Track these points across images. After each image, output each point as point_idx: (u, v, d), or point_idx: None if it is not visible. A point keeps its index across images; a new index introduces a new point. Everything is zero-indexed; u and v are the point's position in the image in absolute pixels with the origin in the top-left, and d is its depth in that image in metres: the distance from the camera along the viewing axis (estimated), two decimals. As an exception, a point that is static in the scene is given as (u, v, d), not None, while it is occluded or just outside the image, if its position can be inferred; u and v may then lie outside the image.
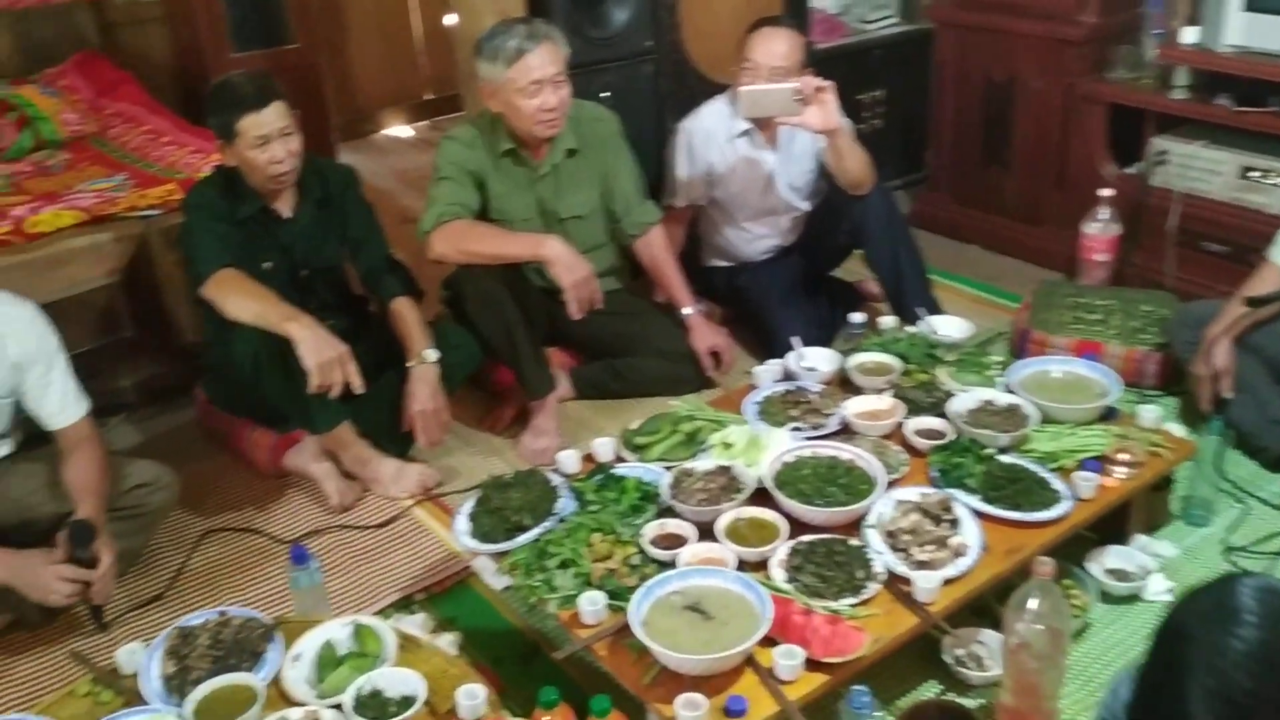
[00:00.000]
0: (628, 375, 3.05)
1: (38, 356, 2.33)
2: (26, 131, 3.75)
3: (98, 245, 2.99)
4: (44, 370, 2.33)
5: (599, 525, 2.04)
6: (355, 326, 2.87)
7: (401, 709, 1.74)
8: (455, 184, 2.80)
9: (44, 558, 2.20)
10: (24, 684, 2.22)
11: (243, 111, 2.52)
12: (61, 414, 2.36)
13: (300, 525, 2.66)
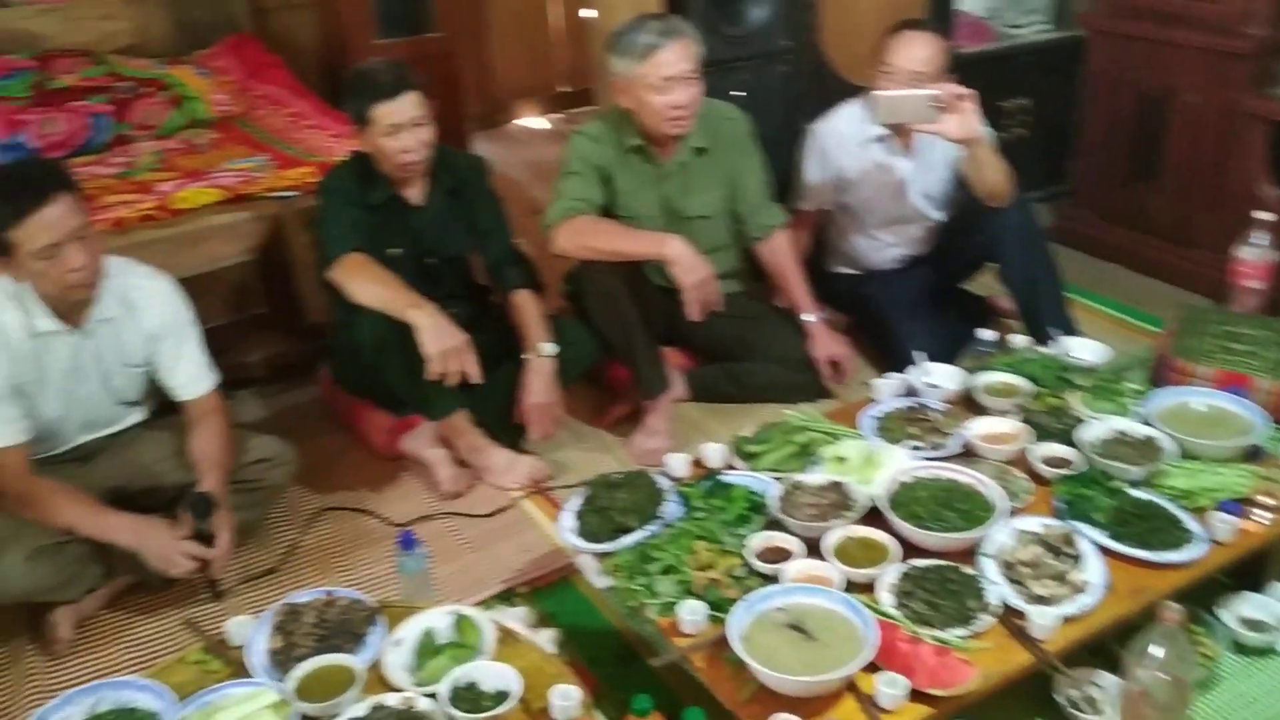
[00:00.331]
0: (744, 380, 3.01)
1: (172, 329, 2.41)
2: (178, 110, 3.91)
3: (236, 223, 3.09)
4: (176, 343, 2.42)
5: (704, 533, 2.01)
6: (477, 316, 2.90)
7: (495, 703, 1.74)
8: (582, 179, 2.79)
9: (168, 529, 2.28)
10: (141, 646, 2.31)
11: (377, 99, 2.56)
12: (191, 386, 2.45)
13: (411, 509, 2.70)
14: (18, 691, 2.18)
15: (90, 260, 2.19)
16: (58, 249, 2.13)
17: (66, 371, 2.31)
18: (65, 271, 2.15)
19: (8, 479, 2.22)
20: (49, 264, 2.14)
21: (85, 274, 2.18)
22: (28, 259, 2.13)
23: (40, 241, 2.11)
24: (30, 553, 2.18)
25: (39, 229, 2.11)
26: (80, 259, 2.16)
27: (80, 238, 2.16)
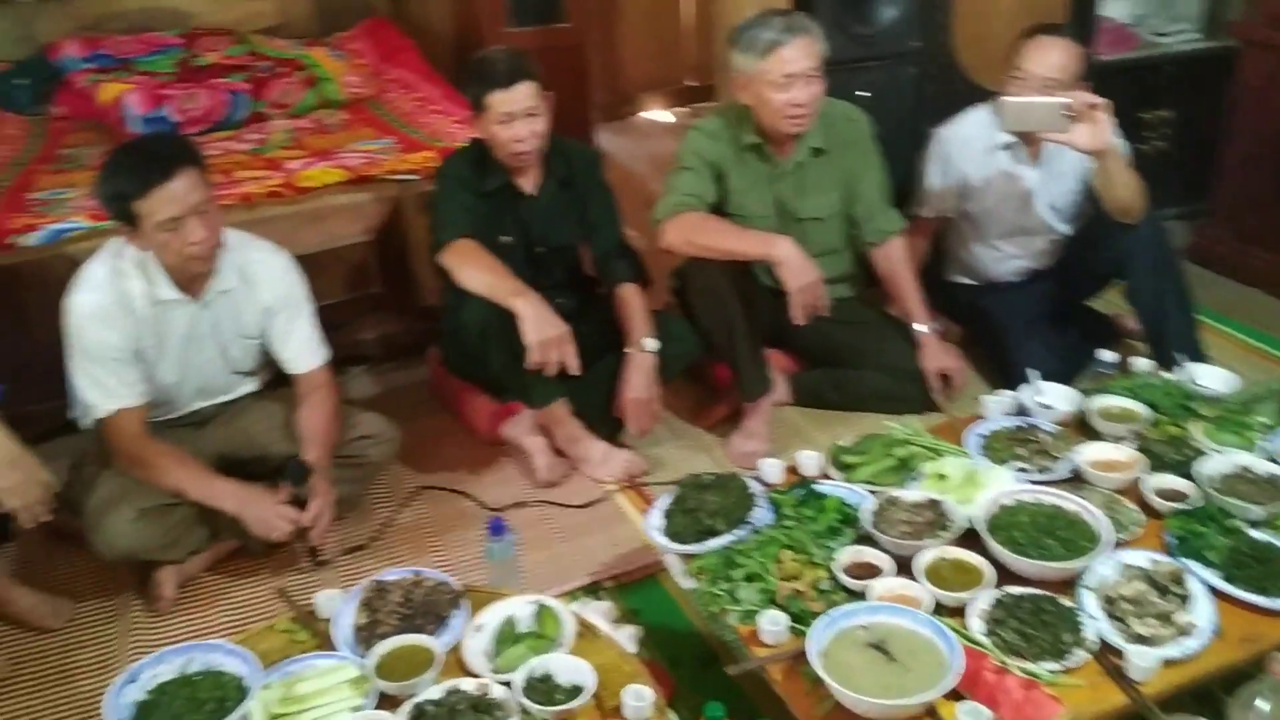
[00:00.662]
0: (849, 388, 2.95)
1: (286, 304, 2.48)
2: (312, 90, 4.03)
3: (357, 204, 3.16)
4: (290, 317, 2.49)
5: (791, 542, 1.97)
6: (583, 306, 2.91)
7: (568, 697, 1.73)
8: (695, 175, 2.77)
9: (269, 495, 2.35)
10: (237, 610, 2.39)
11: (492, 87, 2.58)
12: (301, 360, 2.51)
13: (507, 494, 2.72)
14: (122, 644, 2.28)
15: (210, 235, 2.26)
16: (179, 222, 2.21)
17: (184, 339, 2.40)
18: (186, 244, 2.23)
19: (124, 440, 2.32)
20: (171, 236, 2.22)
21: (204, 247, 2.26)
22: (151, 230, 2.21)
23: (163, 214, 2.19)
24: (138, 513, 2.27)
25: (163, 202, 2.18)
26: (200, 233, 2.23)
27: (202, 212, 2.23)
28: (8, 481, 2.07)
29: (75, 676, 2.21)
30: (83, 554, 2.50)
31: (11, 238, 2.91)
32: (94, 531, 2.29)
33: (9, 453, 2.08)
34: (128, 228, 2.23)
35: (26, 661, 2.26)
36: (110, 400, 2.31)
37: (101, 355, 2.28)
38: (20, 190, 3.27)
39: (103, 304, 2.28)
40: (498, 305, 2.52)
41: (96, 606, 2.41)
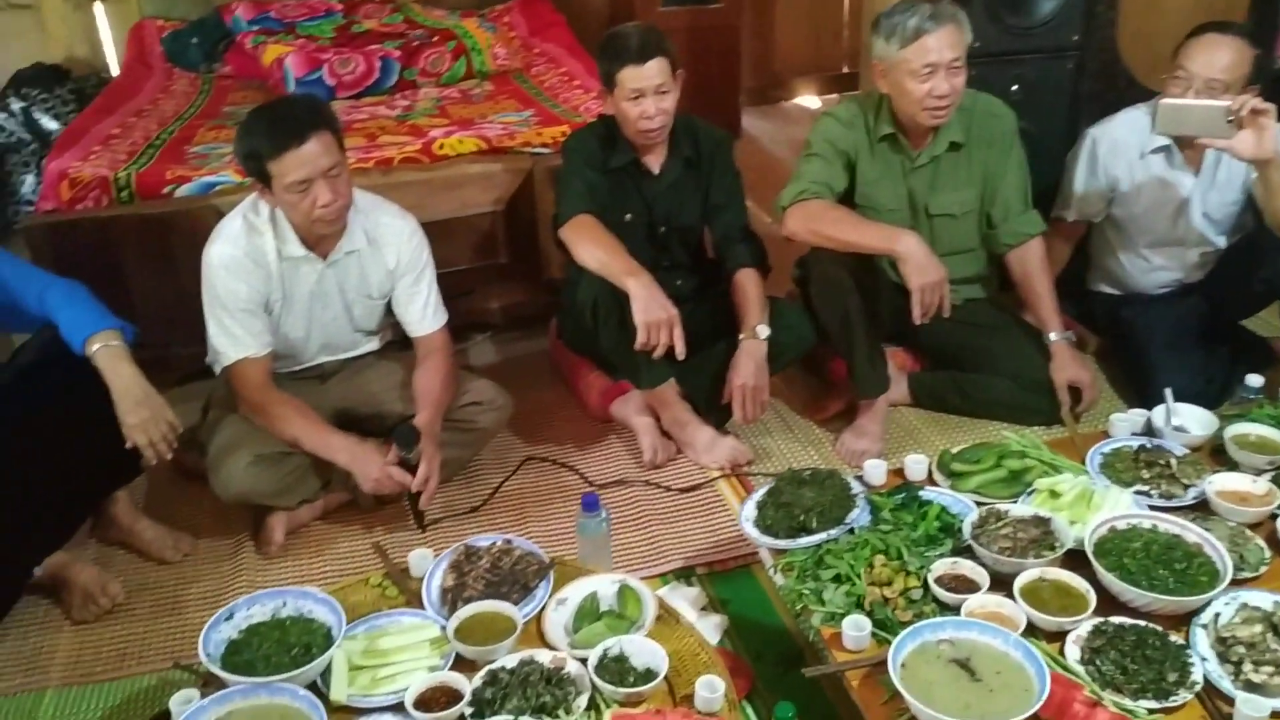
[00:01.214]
0: (971, 392, 2.84)
1: (410, 267, 2.54)
2: (461, 60, 4.11)
3: (490, 174, 3.21)
4: (413, 281, 2.55)
5: (886, 547, 1.91)
6: (701, 289, 2.89)
7: (640, 680, 1.73)
8: (824, 162, 2.70)
9: (380, 454, 2.41)
10: (338, 561, 2.46)
11: (624, 63, 2.57)
12: (421, 323, 2.57)
13: (610, 472, 2.73)
14: (231, 582, 2.38)
15: (336, 199, 2.32)
16: (308, 184, 2.27)
17: (311, 295, 2.48)
18: (314, 206, 2.30)
19: (247, 387, 2.42)
20: (299, 197, 2.29)
21: (330, 211, 2.32)
22: (281, 190, 2.29)
23: (293, 176, 2.26)
24: (255, 458, 2.37)
25: (294, 164, 2.25)
26: (327, 197, 2.29)
27: (332, 177, 2.29)
28: (135, 418, 2.18)
29: (185, 608, 2.33)
30: (206, 493, 2.62)
31: (168, 187, 3.07)
32: (213, 472, 2.40)
33: (138, 391, 2.19)
34: (262, 185, 2.31)
35: (144, 590, 2.39)
36: (237, 348, 2.40)
37: (232, 305, 2.38)
38: (181, 143, 3.45)
39: (235, 256, 2.38)
40: (611, 283, 2.51)
41: (212, 545, 2.53)
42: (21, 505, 2.18)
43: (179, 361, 2.87)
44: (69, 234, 2.96)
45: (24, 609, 2.32)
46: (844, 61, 5.94)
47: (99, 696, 2.11)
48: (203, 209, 2.94)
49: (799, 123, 5.56)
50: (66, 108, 4.35)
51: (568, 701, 1.69)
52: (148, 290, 2.95)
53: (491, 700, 1.70)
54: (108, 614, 2.31)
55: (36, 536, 2.28)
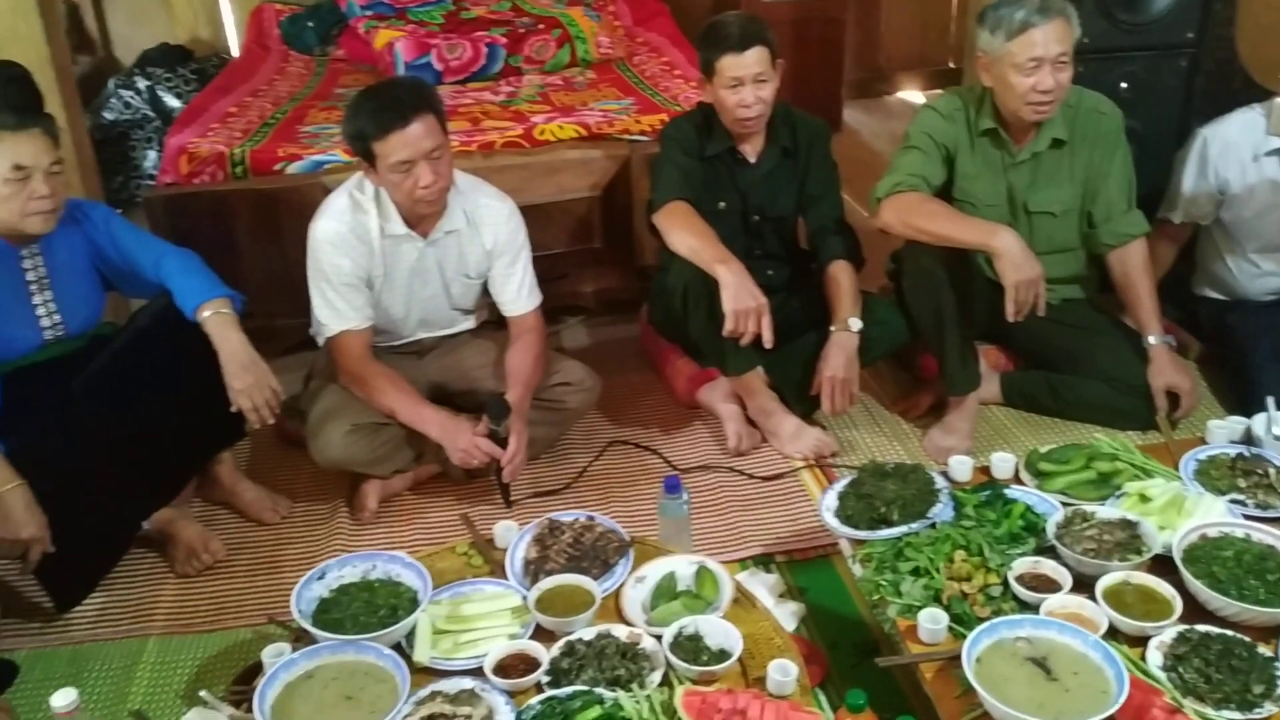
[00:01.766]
0: (1064, 394, 2.79)
1: (508, 248, 2.60)
2: (566, 48, 4.16)
3: (588, 160, 3.25)
4: (510, 262, 2.61)
5: (967, 543, 1.90)
6: (794, 279, 2.89)
7: (714, 660, 1.75)
8: (922, 155, 2.68)
9: (470, 427, 2.48)
10: (426, 530, 2.54)
11: (723, 51, 2.58)
12: (516, 303, 2.63)
13: (695, 457, 2.76)
14: (325, 545, 2.48)
15: (438, 180, 2.38)
16: (411, 165, 2.34)
17: (411, 273, 2.56)
18: (416, 187, 2.36)
19: (348, 359, 2.50)
20: (402, 178, 2.36)
21: (432, 192, 2.38)
22: (385, 170, 2.36)
23: (397, 157, 2.33)
24: (352, 427, 2.45)
25: (398, 145, 2.32)
26: (429, 178, 2.36)
27: (434, 159, 2.35)
28: (241, 383, 2.29)
29: (281, 568, 2.43)
30: (304, 459, 2.73)
31: (280, 164, 3.18)
32: (312, 439, 2.49)
33: (244, 357, 2.29)
34: (367, 164, 2.39)
35: (243, 548, 2.50)
36: (339, 321, 2.49)
37: (335, 279, 2.47)
38: (294, 122, 3.57)
39: (340, 231, 2.46)
40: (702, 270, 2.53)
41: (309, 508, 2.63)
42: (133, 462, 2.31)
43: (284, 332, 2.98)
44: (186, 206, 3.09)
45: (132, 560, 2.45)
46: (950, 56, 5.85)
47: (197, 646, 2.22)
48: (311, 186, 3.04)
49: (901, 117, 5.48)
50: (188, 86, 4.54)
51: (642, 676, 1.73)
52: (257, 262, 3.07)
53: (568, 670, 1.74)
54: (208, 569, 2.43)
55: (146, 492, 2.40)
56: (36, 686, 2.13)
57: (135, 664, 2.18)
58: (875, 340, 2.69)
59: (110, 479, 2.27)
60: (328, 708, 1.69)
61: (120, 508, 2.35)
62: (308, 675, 1.74)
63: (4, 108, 2.20)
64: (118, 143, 4.45)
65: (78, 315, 2.40)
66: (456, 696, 1.69)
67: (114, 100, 4.52)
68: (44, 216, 2.23)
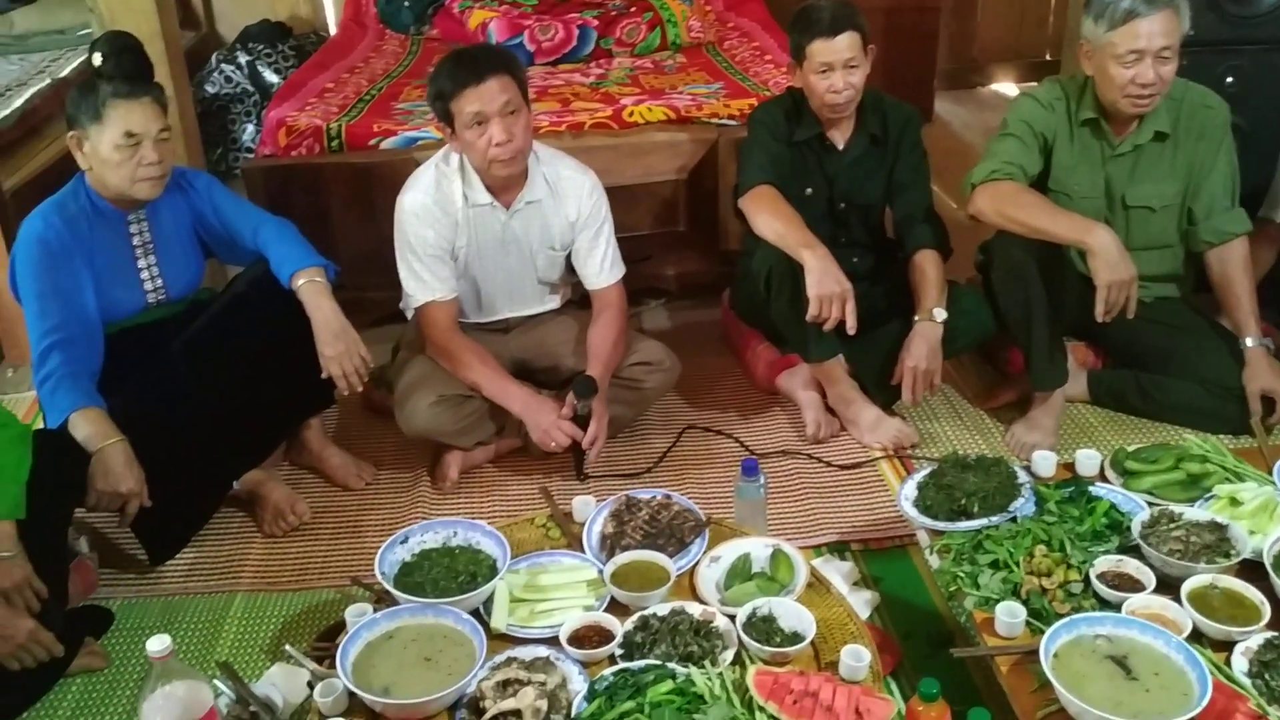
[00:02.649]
0: (1154, 394, 2.73)
1: (591, 221, 2.63)
2: (656, 31, 4.17)
3: (676, 143, 3.26)
4: (593, 234, 2.64)
5: (1048, 538, 1.88)
6: (878, 268, 2.87)
7: (787, 642, 1.76)
8: (1019, 144, 2.63)
9: (553, 407, 2.51)
10: (505, 503, 2.58)
11: (814, 36, 2.57)
12: (599, 276, 2.67)
13: (772, 443, 2.76)
14: (406, 512, 2.53)
15: (512, 140, 2.41)
16: (485, 121, 2.38)
17: (496, 244, 2.60)
18: (489, 145, 2.40)
19: (434, 330, 2.55)
20: (476, 135, 2.40)
21: (506, 150, 2.42)
22: (461, 129, 2.41)
23: (470, 109, 2.38)
24: (438, 398, 2.50)
25: (471, 99, 2.37)
26: (502, 135, 2.39)
27: (508, 114, 2.39)
28: (332, 350, 2.35)
29: (363, 532, 2.49)
30: (389, 429, 2.79)
31: (374, 140, 3.25)
32: (399, 409, 2.55)
33: (336, 325, 2.35)
34: (448, 129, 2.44)
35: (327, 512, 2.57)
36: (425, 292, 2.54)
37: (421, 250, 2.52)
38: (388, 99, 3.64)
39: (425, 204, 2.51)
40: (786, 255, 2.53)
41: (392, 476, 2.69)
42: (227, 424, 2.38)
43: (373, 304, 3.05)
44: (283, 178, 3.18)
45: (222, 519, 2.53)
46: (1047, 48, 5.72)
47: (282, 604, 2.29)
48: (404, 162, 3.09)
49: (994, 109, 5.38)
50: (287, 62, 4.65)
51: (714, 654, 1.74)
52: (349, 234, 3.14)
53: (641, 644, 1.77)
54: (294, 531, 2.50)
55: (238, 453, 2.48)
56: (130, 634, 2.22)
57: (223, 618, 2.25)
58: (960, 331, 2.65)
59: (205, 439, 2.35)
60: (407, 667, 1.73)
61: (213, 467, 2.43)
62: (388, 635, 1.79)
63: (117, 76, 2.26)
64: (218, 116, 4.58)
65: (179, 280, 2.49)
66: (532, 664, 1.72)
67: (215, 75, 4.65)
68: (152, 183, 2.31)
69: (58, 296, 2.27)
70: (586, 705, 1.64)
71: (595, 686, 1.68)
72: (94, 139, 2.26)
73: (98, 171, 2.30)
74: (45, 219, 2.32)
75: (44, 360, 2.23)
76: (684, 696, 1.62)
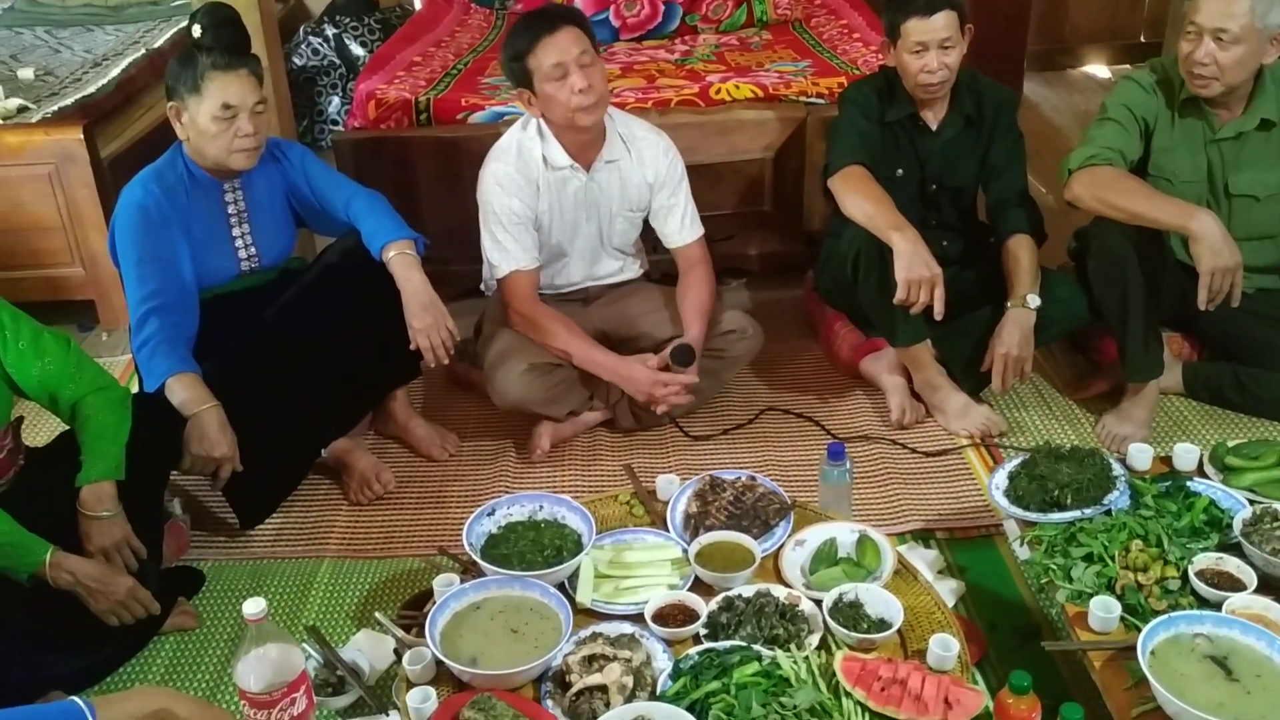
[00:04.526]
0: (1252, 389, 2.64)
1: (668, 181, 2.65)
2: (743, 8, 4.13)
3: (762, 121, 3.22)
4: (671, 193, 2.66)
5: (1145, 533, 1.84)
6: (968, 252, 2.81)
7: (874, 629, 1.75)
8: (1119, 128, 2.55)
9: (644, 364, 2.53)
10: (589, 477, 2.59)
11: (910, 14, 2.52)
12: (680, 233, 2.69)
13: (854, 427, 2.73)
14: (490, 485, 2.55)
15: (591, 86, 2.42)
16: (564, 71, 2.40)
17: (575, 207, 2.61)
18: (572, 94, 2.41)
19: (518, 300, 2.57)
20: (558, 86, 2.41)
21: (588, 97, 2.43)
22: (541, 83, 2.43)
23: (549, 61, 2.40)
24: (528, 366, 2.52)
25: (547, 50, 2.40)
26: (583, 83, 2.40)
27: (584, 65, 2.41)
28: (420, 322, 2.37)
29: (447, 503, 2.52)
30: (473, 401, 2.83)
31: (462, 114, 3.27)
32: (490, 381, 2.57)
33: (425, 297, 2.38)
34: (527, 92, 2.46)
35: (411, 482, 2.60)
36: (509, 261, 2.56)
37: (504, 219, 2.54)
38: (475, 74, 3.65)
39: (507, 172, 2.54)
40: (875, 236, 2.49)
41: (476, 448, 2.71)
42: (316, 392, 2.42)
43: (457, 277, 3.06)
44: (373, 150, 3.21)
45: (310, 486, 2.58)
46: (1142, 30, 5.55)
47: (367, 571, 2.32)
48: (491, 136, 3.06)
49: (1085, 92, 5.26)
50: (373, 36, 4.68)
51: (799, 637, 1.74)
52: (435, 207, 3.17)
53: (726, 625, 1.77)
54: (379, 499, 2.53)
55: (326, 421, 2.52)
56: (220, 596, 2.27)
57: (310, 583, 2.29)
58: (1053, 319, 2.59)
59: (295, 406, 2.39)
60: (494, 638, 1.75)
61: (302, 434, 2.47)
62: (475, 606, 1.82)
63: (216, 49, 2.30)
64: (305, 88, 4.63)
65: (272, 248, 2.53)
66: (617, 639, 1.74)
67: (303, 47, 4.70)
68: (248, 153, 2.35)
69: (156, 263, 2.32)
70: (671, 683, 1.65)
71: (680, 665, 1.68)
72: (192, 110, 2.30)
73: (195, 142, 2.34)
74: (144, 187, 2.36)
75: (142, 325, 2.28)
76: (769, 679, 1.62)
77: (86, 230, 3.16)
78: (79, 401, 2.05)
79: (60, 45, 4.15)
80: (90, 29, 4.31)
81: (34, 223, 3.17)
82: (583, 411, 2.69)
